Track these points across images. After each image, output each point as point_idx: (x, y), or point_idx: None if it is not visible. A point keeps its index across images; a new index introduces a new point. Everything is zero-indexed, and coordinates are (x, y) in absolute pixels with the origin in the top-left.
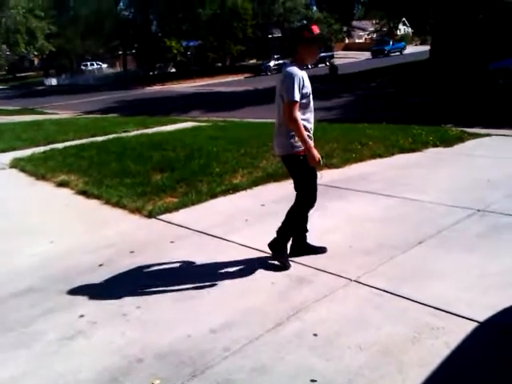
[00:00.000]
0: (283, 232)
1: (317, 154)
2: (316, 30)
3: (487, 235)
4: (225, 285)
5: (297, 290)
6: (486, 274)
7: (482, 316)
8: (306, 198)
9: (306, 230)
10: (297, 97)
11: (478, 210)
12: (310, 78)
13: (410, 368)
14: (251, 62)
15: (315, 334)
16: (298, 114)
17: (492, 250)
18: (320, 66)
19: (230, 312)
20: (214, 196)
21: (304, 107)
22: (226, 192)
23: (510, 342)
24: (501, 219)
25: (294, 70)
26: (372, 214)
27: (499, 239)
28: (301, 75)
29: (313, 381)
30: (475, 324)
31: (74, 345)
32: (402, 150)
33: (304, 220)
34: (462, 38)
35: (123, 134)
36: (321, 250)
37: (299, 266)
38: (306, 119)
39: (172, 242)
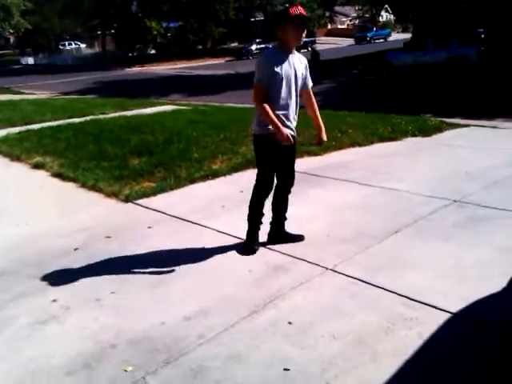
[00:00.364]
0: (248, 218)
1: (285, 131)
2: (295, 10)
3: (463, 226)
4: (201, 271)
5: (273, 277)
6: (460, 264)
7: (456, 307)
8: (262, 181)
9: (285, 218)
10: (260, 80)
11: (455, 201)
12: None
13: (383, 357)
14: (233, 45)
15: (290, 323)
16: (273, 102)
17: (468, 240)
18: (302, 51)
19: (206, 299)
20: (192, 181)
21: (276, 94)
22: (204, 178)
23: (481, 334)
24: (477, 210)
25: (267, 53)
26: (350, 202)
27: (475, 230)
28: (272, 59)
29: (286, 369)
30: (448, 315)
31: (47, 330)
32: (382, 139)
33: (282, 207)
34: (443, 26)
35: (101, 116)
36: (298, 238)
37: (276, 253)
38: (282, 106)
39: (149, 227)
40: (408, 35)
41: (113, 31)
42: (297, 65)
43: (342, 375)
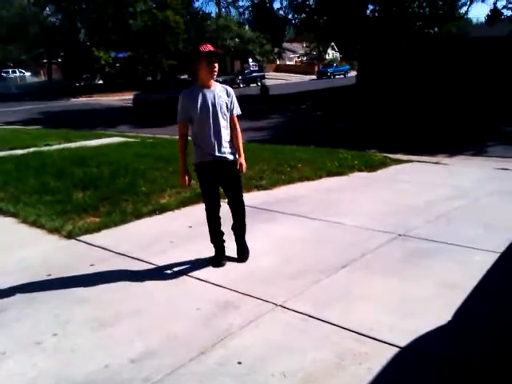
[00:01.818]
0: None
1: (181, 177)
2: (204, 48)
3: (408, 260)
4: (147, 311)
5: (222, 315)
6: (407, 298)
7: (404, 341)
8: (205, 203)
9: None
10: (179, 118)
11: (400, 235)
12: (241, 97)
13: None
14: (183, 77)
15: (239, 362)
16: (196, 135)
17: (413, 274)
18: (252, 85)
19: (152, 340)
20: (139, 216)
21: (196, 127)
22: (152, 212)
23: (429, 368)
24: (421, 244)
25: (184, 92)
26: (299, 236)
27: (419, 264)
28: (187, 97)
29: None
30: (397, 349)
31: None
32: (329, 174)
33: (238, 232)
34: (386, 64)
35: (44, 148)
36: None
37: (225, 290)
38: (203, 138)
39: (92, 264)
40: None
41: (59, 60)
42: (216, 96)
43: None
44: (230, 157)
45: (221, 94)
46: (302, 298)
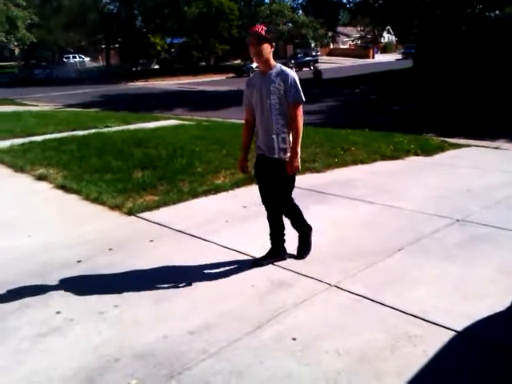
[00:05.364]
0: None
1: (240, 164)
2: (251, 29)
3: (466, 245)
4: (204, 286)
5: (276, 293)
6: (463, 283)
7: (460, 325)
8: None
9: (272, 238)
10: (243, 102)
11: (457, 220)
12: None
13: (387, 375)
14: (235, 62)
15: (294, 338)
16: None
17: (470, 259)
18: (304, 69)
19: (209, 314)
20: (195, 196)
21: (253, 113)
22: (207, 192)
23: (485, 352)
24: (479, 230)
25: (248, 78)
26: (353, 219)
27: (477, 249)
28: (247, 82)
29: None
30: (453, 333)
31: (50, 342)
32: (384, 157)
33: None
34: (444, 47)
35: (104, 130)
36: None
37: (279, 269)
38: (257, 125)
39: (151, 240)
40: None
41: (117, 45)
42: (266, 82)
43: None
44: (276, 154)
45: (274, 79)
46: (356, 279)
